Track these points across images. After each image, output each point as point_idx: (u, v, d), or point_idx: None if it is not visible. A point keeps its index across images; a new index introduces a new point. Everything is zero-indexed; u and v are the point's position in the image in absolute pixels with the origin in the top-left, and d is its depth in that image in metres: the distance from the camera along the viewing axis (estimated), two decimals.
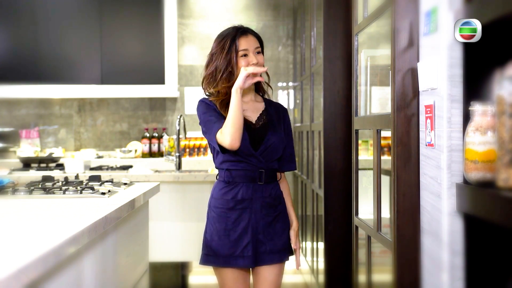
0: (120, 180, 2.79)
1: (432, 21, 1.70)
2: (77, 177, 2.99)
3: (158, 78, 5.41)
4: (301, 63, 4.83)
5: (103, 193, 2.29)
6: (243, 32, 2.29)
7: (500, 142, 1.28)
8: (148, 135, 5.49)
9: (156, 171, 4.23)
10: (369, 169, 2.47)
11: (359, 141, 2.66)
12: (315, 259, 3.89)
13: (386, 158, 2.26)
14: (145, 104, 5.66)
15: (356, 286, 2.60)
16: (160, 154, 5.42)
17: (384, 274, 2.26)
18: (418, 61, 1.82)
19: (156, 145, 5.46)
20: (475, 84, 1.59)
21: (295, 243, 2.38)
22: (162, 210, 3.73)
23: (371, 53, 2.68)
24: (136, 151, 5.38)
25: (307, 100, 4.45)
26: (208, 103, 2.30)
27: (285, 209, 2.35)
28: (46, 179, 2.72)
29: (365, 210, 2.51)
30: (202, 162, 5.00)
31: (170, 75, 5.42)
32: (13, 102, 5.56)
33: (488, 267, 1.59)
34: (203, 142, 5.23)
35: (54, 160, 4.34)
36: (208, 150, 5.16)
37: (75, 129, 5.65)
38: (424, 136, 1.77)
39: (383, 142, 2.34)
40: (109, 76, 5.37)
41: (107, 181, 2.69)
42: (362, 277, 2.51)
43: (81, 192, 2.30)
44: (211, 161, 2.38)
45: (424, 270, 1.82)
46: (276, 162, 2.34)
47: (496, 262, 1.57)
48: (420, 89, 1.80)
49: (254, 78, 2.20)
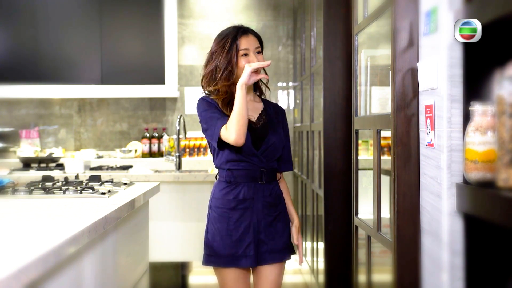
0: (120, 180, 2.79)
1: (432, 21, 1.70)
2: (77, 177, 2.99)
3: (158, 78, 5.41)
4: (301, 63, 4.83)
5: (103, 193, 2.28)
6: (244, 31, 2.29)
7: (500, 142, 1.28)
8: (148, 135, 5.49)
9: (156, 171, 4.23)
10: (369, 169, 2.47)
11: (359, 141, 2.66)
12: (315, 259, 3.88)
13: (386, 158, 2.26)
14: (145, 104, 5.66)
15: (356, 286, 2.60)
16: (160, 154, 5.42)
17: (384, 274, 2.26)
18: (418, 61, 1.82)
19: (156, 145, 5.45)
20: (475, 84, 1.59)
21: (297, 239, 2.38)
22: (162, 210, 3.73)
23: (371, 53, 2.68)
24: (136, 151, 5.38)
25: (307, 100, 4.45)
26: (209, 101, 2.29)
27: (285, 209, 2.35)
28: (46, 179, 2.72)
29: (365, 210, 2.50)
30: (202, 162, 5.00)
31: (170, 75, 5.42)
32: (13, 102, 5.56)
33: (488, 267, 1.59)
34: (203, 142, 5.23)
35: (54, 160, 4.34)
36: (208, 150, 5.16)
37: (75, 129, 5.65)
38: (424, 136, 1.77)
39: (383, 142, 2.34)
40: (109, 76, 5.37)
41: (107, 181, 2.69)
42: (362, 277, 2.51)
43: (81, 192, 2.30)
44: (211, 161, 2.38)
45: (424, 270, 1.82)
46: (276, 162, 2.34)
47: (496, 262, 1.57)
48: (420, 89, 1.80)
49: (259, 75, 2.20)
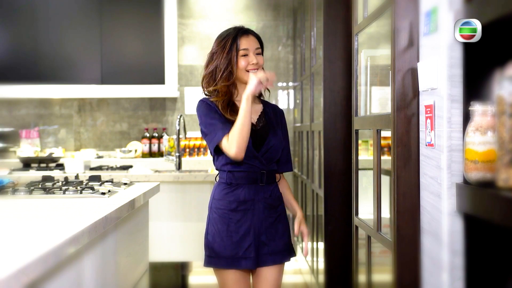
0: (120, 180, 2.79)
1: (432, 21, 1.70)
2: (77, 177, 2.99)
3: (158, 78, 5.41)
4: (301, 63, 4.83)
5: (103, 193, 2.28)
6: (245, 32, 2.30)
7: (500, 142, 1.28)
8: (148, 135, 5.49)
9: (156, 171, 4.23)
10: (369, 169, 2.47)
11: (359, 141, 2.66)
12: (315, 259, 3.88)
13: (386, 158, 2.25)
14: (145, 104, 5.66)
15: (356, 286, 2.60)
16: (160, 154, 5.42)
17: (384, 274, 2.26)
18: (418, 61, 1.82)
19: (156, 145, 5.46)
20: (475, 84, 1.59)
21: (300, 229, 2.35)
22: (162, 210, 3.73)
23: (371, 53, 2.68)
24: (136, 151, 5.38)
25: (307, 100, 4.45)
26: (209, 103, 2.28)
27: (285, 210, 2.35)
28: (46, 179, 2.72)
29: (365, 210, 2.50)
30: (202, 162, 5.00)
31: (170, 75, 5.42)
32: (13, 102, 5.56)
33: (488, 267, 1.59)
34: (203, 142, 5.23)
35: (54, 160, 4.33)
36: (208, 151, 5.16)
37: (75, 129, 5.65)
38: (424, 136, 1.77)
39: (383, 142, 2.34)
40: (109, 76, 5.37)
41: (107, 181, 2.69)
42: (362, 277, 2.51)
43: (81, 192, 2.30)
44: (211, 161, 2.37)
45: (424, 270, 1.82)
46: (276, 164, 2.34)
47: (496, 262, 1.57)
48: (420, 89, 1.80)
49: (264, 83, 2.20)
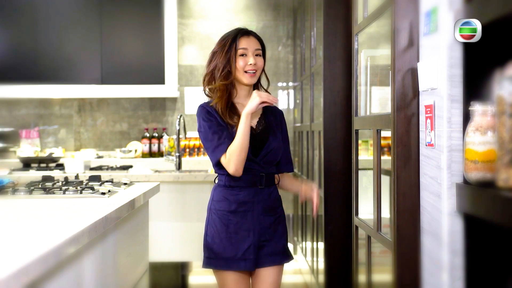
0: (120, 180, 2.79)
1: (432, 21, 1.70)
2: (77, 177, 2.99)
3: (158, 78, 5.41)
4: (301, 63, 4.82)
5: (103, 193, 2.28)
6: (245, 32, 2.30)
7: (500, 142, 1.28)
8: (148, 135, 5.49)
9: (156, 171, 4.23)
10: (369, 169, 2.47)
11: (359, 141, 2.66)
12: (315, 259, 3.88)
13: (386, 158, 2.25)
14: (145, 104, 5.66)
15: (356, 286, 2.60)
16: (160, 154, 5.42)
17: (384, 274, 2.26)
18: (418, 61, 1.82)
19: (156, 145, 5.45)
20: (475, 84, 1.59)
21: (311, 189, 2.32)
22: (162, 210, 3.73)
23: (371, 53, 2.68)
24: (136, 151, 5.38)
25: (307, 100, 4.45)
26: (209, 110, 2.27)
27: (284, 212, 2.36)
28: (46, 179, 2.72)
29: (365, 210, 2.51)
30: (202, 162, 5.00)
31: (170, 75, 5.42)
32: (13, 102, 5.56)
33: (488, 267, 1.59)
34: None
35: (54, 160, 4.33)
36: None
37: (75, 129, 5.65)
38: (424, 136, 1.77)
39: (383, 142, 2.34)
40: (109, 76, 5.37)
41: (107, 181, 2.69)
42: (362, 277, 2.51)
43: (81, 192, 2.30)
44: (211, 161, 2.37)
45: (424, 270, 1.82)
46: (275, 166, 2.35)
47: (496, 262, 1.57)
48: (420, 89, 1.80)
49: (265, 103, 2.19)
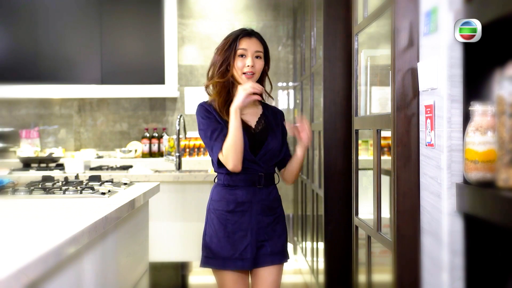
0: (120, 180, 2.79)
1: (432, 21, 1.70)
2: (77, 177, 2.99)
3: (158, 78, 5.41)
4: (301, 63, 4.82)
5: (103, 193, 2.28)
6: (248, 33, 2.29)
7: (500, 142, 1.28)
8: (148, 135, 5.49)
9: (156, 171, 4.23)
10: (369, 169, 2.47)
11: (359, 141, 2.66)
12: (315, 259, 3.88)
13: (386, 158, 2.26)
14: (145, 104, 5.66)
15: (356, 286, 2.60)
16: (160, 154, 5.41)
17: (384, 274, 2.26)
18: (418, 61, 1.82)
19: (156, 145, 5.45)
20: (475, 84, 1.59)
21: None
22: (162, 210, 3.73)
23: (371, 53, 2.68)
24: (136, 151, 5.38)
25: (307, 100, 4.45)
26: (208, 108, 2.28)
27: (283, 212, 2.36)
28: (46, 179, 2.72)
29: (365, 210, 2.51)
30: (202, 162, 5.00)
31: (170, 75, 5.42)
32: (13, 102, 5.56)
33: (488, 267, 1.59)
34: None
35: (54, 160, 4.33)
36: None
37: (75, 129, 5.65)
38: (424, 136, 1.77)
39: (383, 142, 2.34)
40: (109, 76, 5.37)
41: (107, 181, 2.69)
42: (362, 277, 2.51)
43: (81, 192, 2.30)
44: (211, 161, 2.38)
45: (424, 270, 1.82)
46: (274, 166, 2.35)
47: (496, 262, 1.57)
48: (420, 89, 1.80)
49: (253, 95, 2.20)
